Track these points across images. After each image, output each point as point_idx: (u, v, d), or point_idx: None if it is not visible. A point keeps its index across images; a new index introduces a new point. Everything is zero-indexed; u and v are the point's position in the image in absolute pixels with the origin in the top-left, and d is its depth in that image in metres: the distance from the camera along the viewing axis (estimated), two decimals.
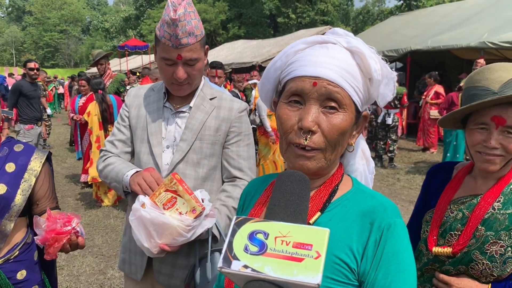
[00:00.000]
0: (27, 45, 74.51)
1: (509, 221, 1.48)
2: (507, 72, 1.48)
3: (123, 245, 2.05)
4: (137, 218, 1.59)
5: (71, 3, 77.82)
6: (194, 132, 1.90)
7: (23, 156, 1.94)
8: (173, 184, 1.58)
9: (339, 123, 0.97)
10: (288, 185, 0.86)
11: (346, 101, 0.97)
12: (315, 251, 0.71)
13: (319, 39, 1.04)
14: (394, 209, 0.99)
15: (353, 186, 1.07)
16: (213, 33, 44.30)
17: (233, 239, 0.75)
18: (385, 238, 0.94)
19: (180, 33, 1.73)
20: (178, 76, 1.82)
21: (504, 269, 1.48)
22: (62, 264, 4.65)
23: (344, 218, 0.99)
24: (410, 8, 36.02)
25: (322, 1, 44.00)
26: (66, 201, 6.95)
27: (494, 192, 1.53)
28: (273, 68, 1.08)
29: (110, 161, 1.98)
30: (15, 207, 1.85)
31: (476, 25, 11.27)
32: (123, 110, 2.07)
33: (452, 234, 1.58)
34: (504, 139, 1.47)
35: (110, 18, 59.31)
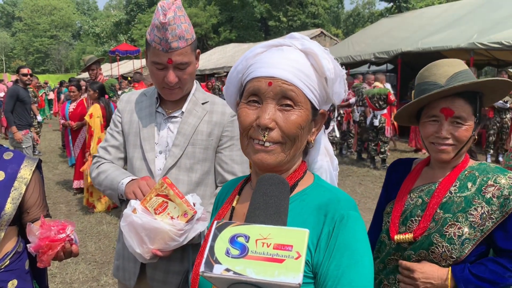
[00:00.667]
0: (17, 51, 74.11)
1: (465, 203, 1.56)
2: (452, 67, 1.62)
3: (117, 251, 2.03)
4: (128, 223, 1.57)
5: (61, 8, 77.53)
6: (186, 137, 1.89)
7: (13, 164, 1.91)
8: (164, 188, 1.57)
9: (294, 118, 1.02)
10: (267, 188, 0.88)
11: (300, 98, 1.02)
12: (295, 251, 0.73)
13: (275, 43, 1.10)
14: (348, 202, 1.03)
15: (313, 182, 1.11)
16: (205, 37, 44.32)
17: (214, 243, 0.77)
18: (338, 229, 0.96)
19: (170, 37, 1.72)
20: (169, 80, 1.80)
21: (462, 250, 1.54)
22: (55, 271, 4.60)
23: (302, 212, 1.03)
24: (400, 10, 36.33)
25: (313, 4, 44.25)
26: (58, 208, 6.89)
27: (450, 178, 1.63)
28: (235, 72, 1.14)
29: (104, 168, 1.96)
30: (5, 216, 1.82)
31: (465, 26, 11.38)
32: (115, 116, 2.05)
33: (413, 220, 1.65)
34: (454, 129, 1.58)
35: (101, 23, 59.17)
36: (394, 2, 40.93)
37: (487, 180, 1.57)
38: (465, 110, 1.57)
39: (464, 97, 1.57)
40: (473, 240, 1.54)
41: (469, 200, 1.57)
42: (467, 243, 1.54)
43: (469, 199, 1.57)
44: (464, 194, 1.58)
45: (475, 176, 1.60)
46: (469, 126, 1.58)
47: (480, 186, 1.57)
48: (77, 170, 7.41)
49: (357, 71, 17.44)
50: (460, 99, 1.57)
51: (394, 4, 40.99)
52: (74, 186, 7.51)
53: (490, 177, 1.57)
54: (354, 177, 8.73)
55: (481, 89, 1.61)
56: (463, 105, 1.57)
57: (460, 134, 1.58)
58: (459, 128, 1.57)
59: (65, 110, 7.49)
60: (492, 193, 1.54)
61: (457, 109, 1.57)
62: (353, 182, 8.30)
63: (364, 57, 13.41)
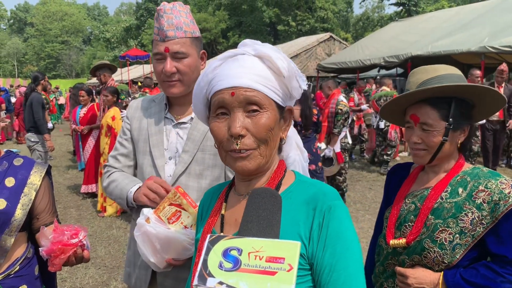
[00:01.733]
0: (28, 57, 75.00)
1: (455, 209, 1.57)
2: (425, 74, 1.65)
3: (128, 258, 2.03)
4: (142, 233, 1.57)
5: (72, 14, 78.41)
6: (196, 143, 1.88)
7: (23, 170, 1.92)
8: (177, 197, 1.56)
9: (264, 121, 1.07)
10: (260, 201, 0.91)
11: (264, 101, 1.08)
12: (287, 263, 0.75)
13: (229, 54, 1.15)
14: (333, 193, 1.09)
15: (295, 178, 1.17)
16: (214, 42, 44.51)
17: (207, 257, 0.78)
18: (327, 219, 1.02)
19: (166, 24, 1.78)
20: (166, 69, 1.80)
21: (453, 256, 1.55)
22: (65, 276, 4.62)
23: (290, 209, 1.07)
24: (409, 14, 36.16)
25: (322, 8, 44.22)
26: (69, 212, 6.93)
27: (442, 183, 1.65)
28: (199, 88, 1.19)
29: (114, 177, 1.96)
30: (15, 222, 1.83)
31: (476, 29, 11.27)
32: (124, 123, 2.06)
33: (407, 226, 1.67)
34: (423, 135, 1.63)
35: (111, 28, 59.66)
36: (404, 6, 40.76)
37: (478, 186, 1.57)
38: (430, 116, 1.60)
39: (430, 103, 1.60)
40: (464, 246, 1.54)
41: (459, 205, 1.57)
42: (458, 249, 1.55)
43: (460, 204, 1.57)
44: (454, 199, 1.59)
45: (466, 181, 1.60)
46: (438, 132, 1.60)
47: (471, 192, 1.57)
48: (86, 175, 7.45)
49: (367, 75, 17.38)
50: (426, 105, 1.61)
51: (404, 8, 40.82)
52: (82, 191, 7.54)
53: (481, 182, 1.57)
54: (364, 182, 8.68)
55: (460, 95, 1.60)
56: (428, 111, 1.61)
57: (428, 140, 1.61)
58: (428, 134, 1.61)
59: (76, 115, 7.53)
60: (482, 198, 1.54)
61: (422, 115, 1.61)
62: (363, 187, 8.25)
63: (373, 61, 13.35)
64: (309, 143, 6.30)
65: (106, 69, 7.37)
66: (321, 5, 44.28)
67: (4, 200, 1.81)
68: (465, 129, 1.64)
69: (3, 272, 1.83)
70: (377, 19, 50.34)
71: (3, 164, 1.91)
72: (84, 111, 7.51)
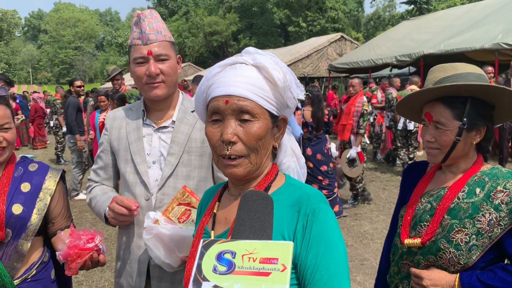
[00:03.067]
0: (43, 63, 76.07)
1: (472, 209, 1.54)
2: (442, 72, 1.63)
3: (118, 270, 2.02)
4: (155, 235, 1.59)
5: (85, 20, 79.35)
6: (181, 146, 1.90)
7: (38, 176, 1.95)
8: (185, 197, 1.60)
9: (254, 131, 1.11)
10: (252, 204, 0.93)
11: (257, 110, 1.11)
12: (281, 264, 0.76)
13: (229, 61, 1.19)
14: (317, 197, 1.11)
15: (285, 181, 1.20)
16: (225, 45, 44.65)
17: (201, 261, 0.79)
18: (311, 222, 1.05)
19: (147, 28, 1.85)
20: (150, 71, 1.84)
21: (469, 257, 1.52)
22: (81, 279, 4.67)
23: (277, 210, 1.07)
24: (421, 12, 35.85)
25: (333, 9, 44.05)
26: (84, 216, 7.00)
27: (459, 183, 1.62)
28: (200, 92, 1.23)
29: (93, 194, 2.01)
30: (31, 227, 1.86)
31: (489, 26, 11.13)
32: (103, 135, 2.07)
33: (422, 225, 1.65)
34: (436, 133, 1.61)
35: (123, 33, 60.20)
36: (415, 4, 40.46)
37: (496, 186, 1.53)
38: (443, 115, 1.59)
39: (444, 102, 1.59)
40: (481, 247, 1.51)
41: (476, 206, 1.53)
42: (474, 250, 1.52)
43: (477, 205, 1.54)
44: (471, 200, 1.55)
45: (484, 181, 1.57)
46: (450, 131, 1.58)
47: (488, 192, 1.54)
48: None
49: (379, 74, 17.28)
50: (440, 104, 1.60)
51: (415, 6, 40.52)
52: None
53: (499, 183, 1.53)
54: (378, 182, 8.62)
55: (477, 95, 1.57)
56: (442, 110, 1.59)
57: (441, 139, 1.60)
58: (441, 133, 1.60)
59: (95, 120, 7.39)
60: (501, 199, 1.50)
61: (435, 114, 1.61)
62: (377, 187, 8.19)
63: (385, 60, 13.26)
64: (321, 144, 6.27)
65: (119, 74, 7.42)
66: (332, 5, 44.11)
67: (20, 205, 1.84)
68: (481, 130, 1.60)
69: (20, 276, 1.86)
70: (388, 18, 50.01)
71: (18, 170, 1.94)
72: (103, 116, 7.45)
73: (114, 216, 1.80)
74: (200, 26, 44.79)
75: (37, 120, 14.46)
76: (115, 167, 2.04)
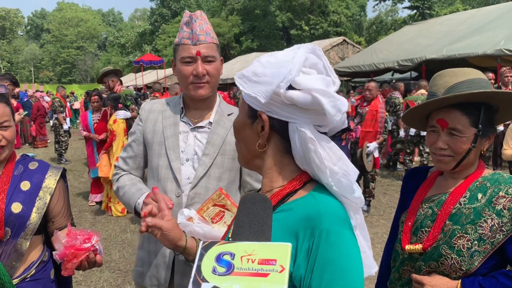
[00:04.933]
0: (45, 62, 76.23)
1: (474, 215, 1.52)
2: (454, 77, 1.59)
3: (140, 258, 2.04)
4: (188, 232, 1.63)
5: (88, 20, 79.55)
6: (216, 147, 1.94)
7: (38, 174, 1.95)
8: (221, 199, 1.65)
9: None
10: (250, 207, 0.92)
11: None
12: (279, 265, 0.77)
13: None
14: (332, 216, 0.98)
15: (310, 192, 1.06)
16: (227, 47, 44.69)
17: (201, 262, 0.80)
18: (317, 245, 0.93)
19: (198, 29, 1.89)
20: (198, 71, 1.88)
21: (472, 263, 1.51)
22: (79, 279, 4.66)
23: (286, 221, 1.01)
24: (423, 17, 35.90)
25: (335, 12, 44.11)
26: (84, 216, 7.00)
27: (461, 188, 1.60)
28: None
29: (122, 183, 2.02)
30: (30, 226, 1.85)
31: (492, 32, 11.15)
32: (136, 125, 2.09)
33: (423, 231, 1.63)
34: (450, 140, 1.57)
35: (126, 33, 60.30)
36: (418, 9, 40.50)
37: (498, 191, 1.52)
38: (460, 121, 1.55)
39: (460, 108, 1.55)
40: (483, 253, 1.50)
41: (478, 211, 1.52)
42: (476, 256, 1.50)
43: (479, 210, 1.52)
44: (473, 205, 1.54)
45: (486, 187, 1.56)
46: (467, 138, 1.55)
47: (490, 198, 1.53)
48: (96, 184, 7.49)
49: (381, 78, 17.29)
50: (456, 110, 1.55)
51: (418, 11, 40.55)
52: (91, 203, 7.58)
53: (501, 188, 1.52)
54: (379, 186, 8.61)
55: (489, 101, 1.55)
56: (458, 116, 1.55)
57: (456, 146, 1.56)
58: (456, 140, 1.56)
59: (88, 120, 7.43)
60: (503, 204, 1.49)
61: (452, 120, 1.56)
62: (378, 191, 8.18)
63: (387, 65, 13.28)
64: None
65: (112, 75, 7.40)
66: (334, 9, 44.18)
67: (19, 203, 1.84)
68: (490, 136, 1.60)
69: (19, 275, 1.85)
70: (391, 23, 50.06)
71: (18, 168, 1.94)
72: (98, 117, 7.48)
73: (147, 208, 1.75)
74: None
75: (38, 119, 14.49)
76: (145, 158, 2.08)
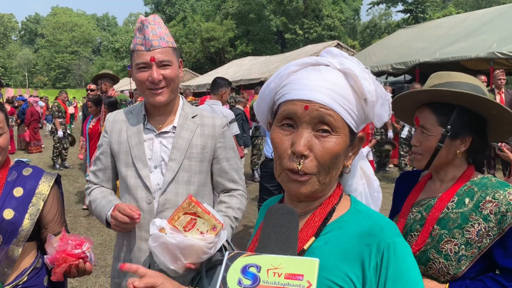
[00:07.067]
0: (39, 67, 75.88)
1: (461, 220, 1.54)
2: (438, 79, 1.67)
3: (116, 269, 2.04)
4: (161, 243, 1.63)
5: (82, 25, 79.36)
6: (182, 151, 1.95)
7: (32, 180, 1.94)
8: (191, 207, 1.63)
9: (332, 146, 0.96)
10: (277, 219, 0.89)
11: (339, 124, 0.97)
12: (306, 281, 0.74)
13: (312, 61, 1.04)
14: (392, 228, 0.96)
15: (351, 206, 1.05)
16: (222, 51, 44.73)
17: (226, 274, 0.78)
18: (387, 259, 0.91)
19: (151, 34, 1.86)
20: (153, 77, 1.87)
21: (459, 267, 1.52)
22: (75, 284, 4.64)
23: (340, 241, 0.97)
24: (417, 21, 36.09)
25: (329, 16, 44.29)
26: (79, 221, 6.96)
27: (449, 193, 1.62)
28: (268, 90, 1.08)
29: (93, 196, 2.04)
30: (22, 232, 1.84)
31: (484, 35, 11.23)
32: (103, 137, 2.09)
33: (412, 235, 1.65)
34: (421, 138, 1.64)
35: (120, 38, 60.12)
36: (411, 13, 40.70)
37: (485, 196, 1.53)
38: (428, 120, 1.62)
39: (432, 108, 1.62)
40: (470, 257, 1.51)
41: (465, 216, 1.54)
42: (464, 260, 1.52)
43: (466, 215, 1.54)
44: (461, 210, 1.56)
45: (473, 191, 1.57)
46: (433, 137, 1.60)
47: (477, 202, 1.54)
48: None
49: None
50: (427, 109, 1.63)
51: (411, 15, 40.76)
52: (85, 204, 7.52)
53: (488, 193, 1.53)
54: None
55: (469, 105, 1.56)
56: (428, 115, 1.62)
57: (423, 143, 1.63)
58: (424, 137, 1.63)
59: (86, 126, 7.36)
60: (489, 209, 1.50)
61: (422, 118, 1.64)
62: None
63: (381, 68, 13.33)
64: None
65: (107, 79, 7.36)
66: (328, 13, 44.35)
67: (11, 210, 1.82)
68: (466, 140, 1.59)
69: (10, 282, 1.83)
70: (385, 26, 50.29)
71: (12, 174, 1.92)
72: (93, 122, 7.42)
73: (116, 224, 1.85)
74: (197, 32, 44.87)
75: (32, 124, 14.40)
76: (114, 170, 2.07)
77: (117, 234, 2.03)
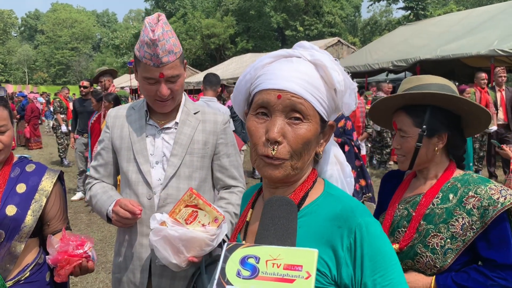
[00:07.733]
0: (39, 63, 75.85)
1: (446, 215, 1.61)
2: (408, 84, 1.76)
3: (117, 265, 2.04)
4: (163, 237, 1.63)
5: (82, 21, 79.29)
6: (184, 147, 1.96)
7: (35, 177, 1.94)
8: (192, 199, 1.63)
9: (303, 133, 1.02)
10: (276, 210, 0.91)
11: (309, 111, 1.03)
12: (305, 271, 0.75)
13: (284, 53, 1.10)
14: (361, 209, 1.01)
15: (324, 190, 1.10)
16: (222, 47, 44.68)
17: (225, 265, 0.79)
18: (360, 239, 0.96)
19: (160, 52, 1.79)
20: (162, 94, 1.87)
21: (445, 260, 1.59)
22: (75, 280, 4.65)
23: (313, 225, 1.02)
24: (418, 18, 36.03)
25: (330, 13, 44.23)
26: (79, 217, 6.97)
27: (434, 190, 1.69)
28: (244, 81, 1.14)
29: (94, 191, 2.04)
30: (25, 228, 1.85)
31: (485, 33, 11.20)
32: (104, 132, 2.09)
33: (400, 231, 1.72)
34: (401, 141, 1.72)
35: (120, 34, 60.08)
36: (412, 10, 40.66)
37: (467, 192, 1.61)
38: (404, 123, 1.70)
39: (406, 111, 1.70)
40: (455, 250, 1.59)
41: (450, 211, 1.61)
42: (449, 253, 1.59)
43: (450, 210, 1.61)
44: (445, 205, 1.63)
45: (457, 187, 1.65)
46: (411, 138, 1.68)
47: (461, 198, 1.61)
48: None
49: (375, 79, 17.34)
50: (403, 112, 1.71)
51: (412, 12, 40.72)
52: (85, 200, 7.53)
53: (471, 188, 1.61)
54: (374, 186, 8.62)
55: (436, 103, 1.65)
56: (403, 118, 1.71)
57: (403, 145, 1.71)
58: (403, 140, 1.71)
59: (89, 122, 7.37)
60: (472, 204, 1.58)
61: (399, 122, 1.73)
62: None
63: (382, 65, 13.31)
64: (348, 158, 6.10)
65: (108, 75, 7.37)
66: (329, 10, 44.29)
67: (14, 206, 1.83)
68: (442, 136, 1.68)
69: (13, 278, 1.84)
70: (385, 23, 50.21)
71: (15, 170, 1.93)
72: (94, 117, 7.41)
73: (118, 219, 1.85)
74: (198, 28, 44.79)
75: (33, 121, 14.40)
76: (116, 165, 2.08)
77: (118, 229, 2.04)
